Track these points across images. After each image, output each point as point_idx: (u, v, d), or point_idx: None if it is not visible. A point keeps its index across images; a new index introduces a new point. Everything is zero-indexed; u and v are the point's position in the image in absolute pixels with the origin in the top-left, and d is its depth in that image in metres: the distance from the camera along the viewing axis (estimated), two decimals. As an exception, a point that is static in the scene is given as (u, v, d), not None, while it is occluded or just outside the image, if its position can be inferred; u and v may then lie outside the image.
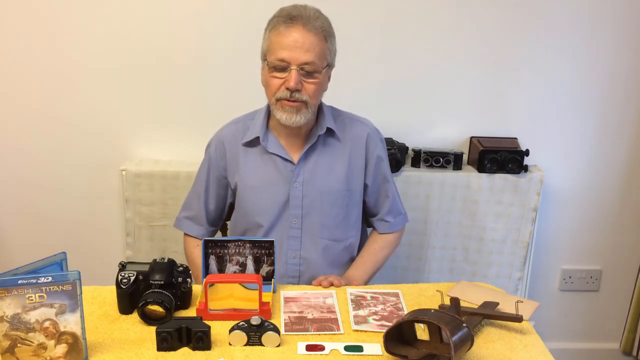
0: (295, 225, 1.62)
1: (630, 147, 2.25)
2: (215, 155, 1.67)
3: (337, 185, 1.62)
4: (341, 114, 1.68)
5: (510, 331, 1.29)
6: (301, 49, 1.45)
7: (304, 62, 1.46)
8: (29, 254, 1.52)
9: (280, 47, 1.46)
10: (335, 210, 1.63)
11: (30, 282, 1.08)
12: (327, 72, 1.55)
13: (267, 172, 1.62)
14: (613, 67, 2.15)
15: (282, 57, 1.46)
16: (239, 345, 1.20)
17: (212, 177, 1.68)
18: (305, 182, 1.61)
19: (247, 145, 1.63)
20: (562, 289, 2.41)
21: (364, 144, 1.65)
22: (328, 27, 1.52)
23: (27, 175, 2.18)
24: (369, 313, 1.34)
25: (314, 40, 1.46)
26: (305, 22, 1.46)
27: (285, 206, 1.61)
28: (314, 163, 1.61)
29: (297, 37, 1.45)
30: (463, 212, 2.14)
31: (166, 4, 2.03)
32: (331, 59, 1.55)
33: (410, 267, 2.21)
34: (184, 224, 1.73)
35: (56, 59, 2.06)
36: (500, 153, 2.08)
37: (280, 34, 1.47)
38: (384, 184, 1.71)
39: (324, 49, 1.50)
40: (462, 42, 2.11)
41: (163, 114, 2.15)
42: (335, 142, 1.63)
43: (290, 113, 1.51)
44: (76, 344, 1.13)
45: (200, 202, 1.70)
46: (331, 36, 1.53)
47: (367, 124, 1.69)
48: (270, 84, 1.52)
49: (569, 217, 2.31)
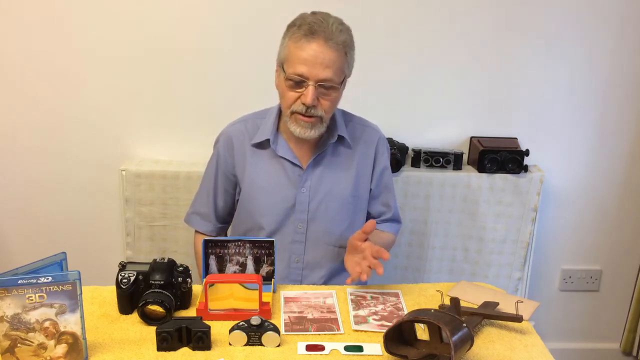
0: (300, 230, 1.61)
1: (630, 147, 2.25)
2: (223, 152, 1.65)
3: (344, 192, 1.61)
4: (353, 119, 1.66)
5: (510, 331, 1.29)
6: (321, 65, 1.41)
7: (322, 79, 1.42)
8: (29, 254, 1.53)
9: (299, 62, 1.42)
10: (341, 216, 1.62)
11: (30, 282, 1.08)
12: (343, 85, 1.52)
13: (274, 175, 1.60)
14: (613, 67, 2.15)
15: (301, 72, 1.42)
16: (239, 345, 1.20)
17: (221, 173, 1.67)
18: (312, 188, 1.59)
19: (256, 147, 1.61)
20: (562, 289, 2.41)
21: (373, 149, 1.64)
22: (349, 40, 1.47)
23: (27, 175, 2.18)
24: (369, 313, 1.34)
25: (334, 56, 1.42)
26: (327, 38, 1.41)
27: (291, 210, 1.60)
28: (322, 169, 1.60)
29: (317, 53, 1.41)
30: (463, 212, 2.14)
31: (167, 4, 2.03)
32: (349, 72, 1.52)
33: (410, 267, 2.21)
34: (193, 220, 1.73)
35: (56, 59, 2.06)
36: (500, 153, 2.08)
37: (300, 47, 1.42)
38: (387, 192, 1.70)
39: (343, 64, 1.46)
40: (462, 42, 2.11)
41: (163, 114, 2.15)
42: (345, 149, 1.62)
43: (305, 128, 1.49)
44: (76, 344, 1.13)
45: (209, 199, 1.69)
46: (352, 49, 1.49)
47: (377, 129, 1.68)
48: (286, 96, 1.49)
49: (569, 217, 2.31)
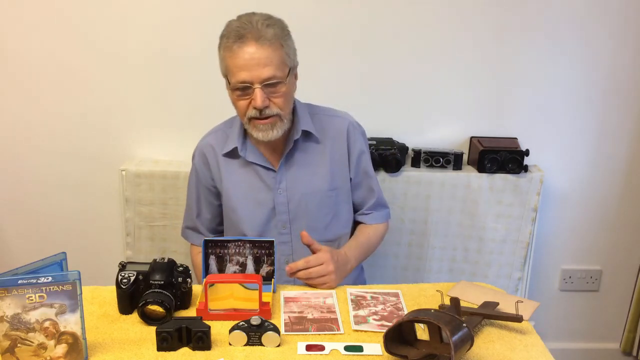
0: (284, 231, 1.61)
1: (630, 147, 2.25)
2: (200, 166, 1.65)
3: (321, 187, 1.60)
4: (318, 111, 1.64)
5: (510, 331, 1.29)
6: (259, 65, 1.39)
7: (265, 78, 1.41)
8: (29, 254, 1.52)
9: (238, 69, 1.41)
10: (322, 211, 1.61)
11: (30, 282, 1.08)
12: (291, 77, 1.49)
13: (249, 182, 1.60)
14: (613, 67, 2.15)
15: (243, 79, 1.41)
16: (239, 345, 1.20)
17: (201, 187, 1.67)
18: (288, 188, 1.59)
19: (227, 156, 1.61)
20: (562, 289, 2.41)
21: (344, 138, 1.62)
22: (281, 32, 1.44)
23: (27, 175, 2.18)
24: (369, 313, 1.34)
25: (269, 52, 1.40)
26: (256, 37, 1.39)
27: (271, 213, 1.60)
28: (295, 167, 1.59)
29: (252, 54, 1.39)
30: (463, 212, 2.14)
31: (167, 5, 2.03)
32: (292, 62, 1.48)
33: (410, 267, 2.20)
34: (187, 234, 1.75)
35: (56, 59, 2.06)
36: (500, 153, 2.07)
37: (234, 54, 1.41)
38: (367, 178, 1.68)
39: (282, 57, 1.43)
40: (462, 42, 2.11)
41: (163, 114, 2.15)
42: (314, 143, 1.60)
43: (265, 131, 1.48)
44: (76, 344, 1.13)
45: (194, 213, 1.70)
46: (287, 39, 1.45)
47: (345, 117, 1.65)
48: (238, 106, 1.49)
49: (569, 217, 2.31)
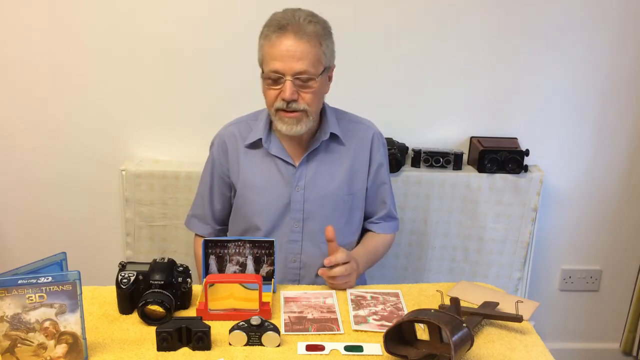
0: (296, 230, 1.61)
1: (629, 147, 2.25)
2: (218, 155, 1.66)
3: (339, 190, 1.61)
4: (345, 116, 1.66)
5: (510, 331, 1.29)
6: (293, 58, 1.42)
7: (297, 71, 1.43)
8: (29, 254, 1.52)
9: (273, 58, 1.43)
10: (336, 215, 1.62)
11: (30, 282, 1.08)
12: (324, 76, 1.50)
13: (268, 174, 1.61)
14: (612, 68, 2.15)
15: (276, 69, 1.43)
16: (239, 345, 1.20)
17: (216, 176, 1.68)
18: (307, 186, 1.59)
19: (250, 147, 1.62)
20: (562, 289, 2.41)
21: (368, 146, 1.64)
22: (322, 31, 1.46)
23: (27, 175, 2.18)
24: (369, 313, 1.34)
25: (306, 47, 1.42)
26: (296, 30, 1.42)
27: (286, 209, 1.60)
28: (315, 167, 1.60)
29: (288, 47, 1.42)
30: (463, 212, 2.14)
31: (167, 5, 2.03)
32: (328, 62, 1.50)
33: (410, 267, 2.20)
34: (192, 223, 1.74)
35: (55, 59, 2.06)
36: (500, 153, 2.08)
37: (272, 44, 1.44)
38: (382, 189, 1.69)
39: (319, 55, 1.45)
40: (462, 42, 2.11)
41: (163, 114, 2.15)
42: (338, 147, 1.62)
43: (290, 124, 1.49)
44: (76, 344, 1.13)
45: (206, 202, 1.70)
46: (327, 38, 1.48)
47: (371, 126, 1.68)
48: (267, 95, 1.50)
49: (569, 217, 2.31)
